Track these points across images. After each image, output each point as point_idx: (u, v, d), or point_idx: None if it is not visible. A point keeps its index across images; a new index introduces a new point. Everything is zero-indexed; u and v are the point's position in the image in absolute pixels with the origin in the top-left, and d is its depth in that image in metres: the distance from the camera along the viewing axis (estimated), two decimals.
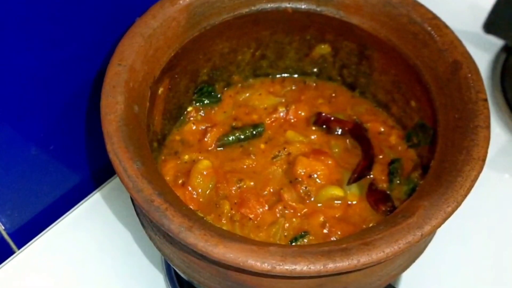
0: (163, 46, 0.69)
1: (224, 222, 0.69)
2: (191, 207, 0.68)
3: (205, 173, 0.72)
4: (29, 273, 0.84)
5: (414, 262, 0.68)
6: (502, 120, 0.99)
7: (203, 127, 0.78)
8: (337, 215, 0.71)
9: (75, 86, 0.78)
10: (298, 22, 0.76)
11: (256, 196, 0.71)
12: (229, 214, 0.70)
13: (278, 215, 0.70)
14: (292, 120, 0.78)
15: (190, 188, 0.71)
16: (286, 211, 0.70)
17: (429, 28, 0.70)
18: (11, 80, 0.70)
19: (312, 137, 0.77)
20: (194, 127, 0.78)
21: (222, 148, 0.76)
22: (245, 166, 0.74)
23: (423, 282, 0.83)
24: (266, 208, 0.71)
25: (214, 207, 0.71)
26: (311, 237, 0.69)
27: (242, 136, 0.77)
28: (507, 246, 0.87)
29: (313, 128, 0.78)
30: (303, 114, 0.79)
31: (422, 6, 0.71)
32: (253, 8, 0.74)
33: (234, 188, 0.72)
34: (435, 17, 0.71)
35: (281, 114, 0.79)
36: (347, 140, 0.77)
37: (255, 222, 0.69)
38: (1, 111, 0.72)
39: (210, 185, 0.72)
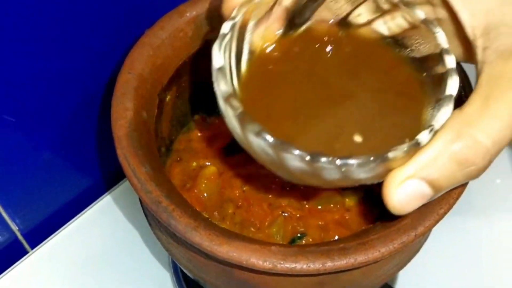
0: (171, 55, 0.69)
1: (227, 223, 0.70)
2: (197, 209, 0.68)
3: (211, 177, 0.72)
4: (42, 272, 0.85)
5: (409, 262, 0.68)
6: None
7: (209, 135, 0.78)
8: (334, 218, 0.71)
9: (87, 94, 0.78)
10: None
11: (259, 200, 0.71)
12: (232, 216, 0.70)
13: (278, 218, 0.70)
14: None
15: (196, 192, 0.72)
16: (286, 214, 0.70)
17: None
18: (27, 90, 0.71)
19: None
20: (200, 134, 0.78)
21: (228, 153, 0.76)
22: (248, 171, 0.74)
23: (419, 281, 0.83)
24: (268, 211, 0.71)
25: (219, 209, 0.71)
26: (310, 239, 0.69)
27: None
28: (498, 246, 0.88)
29: None
30: None
31: None
32: None
33: (238, 191, 0.72)
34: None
35: None
36: None
37: (256, 224, 0.70)
38: (16, 118, 0.72)
39: (215, 189, 0.72)
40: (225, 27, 0.54)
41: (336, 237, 0.68)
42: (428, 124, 0.50)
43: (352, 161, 0.47)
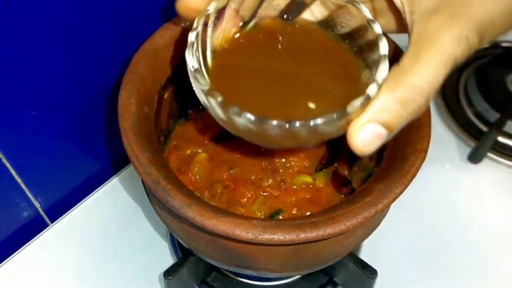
0: (168, 59, 0.69)
1: (216, 201, 0.70)
2: (190, 188, 0.68)
3: (202, 162, 0.73)
4: (60, 242, 0.85)
5: (371, 234, 0.69)
6: (443, 121, 1.00)
7: (201, 126, 0.78)
8: (307, 197, 0.71)
9: (97, 92, 0.79)
10: None
11: (243, 181, 0.72)
12: (220, 195, 0.71)
13: (259, 197, 0.70)
14: None
15: (190, 174, 0.72)
16: (265, 194, 0.71)
17: None
18: (47, 89, 0.72)
19: None
20: (193, 125, 0.78)
21: (217, 142, 0.76)
22: (235, 156, 0.74)
23: (379, 249, 0.84)
24: (251, 191, 0.71)
25: (209, 189, 0.71)
26: (286, 214, 0.69)
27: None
28: (444, 219, 0.89)
29: None
30: None
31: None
32: None
33: (225, 174, 0.72)
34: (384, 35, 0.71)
35: None
36: None
37: (241, 202, 0.70)
38: (38, 112, 0.73)
39: (206, 172, 0.73)
40: (191, 37, 0.55)
41: (308, 213, 0.68)
42: (369, 82, 0.52)
43: (320, 120, 0.49)
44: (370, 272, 0.75)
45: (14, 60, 0.66)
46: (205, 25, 0.57)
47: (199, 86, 0.53)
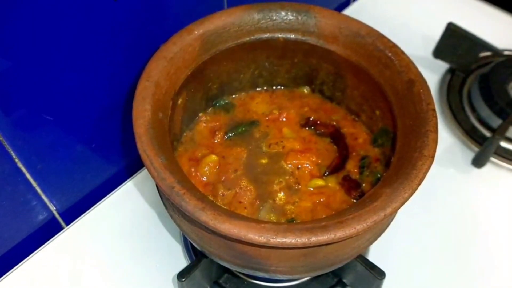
0: (182, 66, 0.69)
1: (220, 202, 0.70)
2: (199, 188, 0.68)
3: (211, 164, 0.73)
4: (75, 245, 0.85)
5: (379, 237, 0.68)
6: (448, 126, 0.99)
7: (211, 126, 0.78)
8: (321, 200, 0.71)
9: (113, 98, 0.78)
10: (288, 49, 0.76)
11: (248, 183, 0.72)
12: (224, 196, 0.71)
13: (266, 203, 0.71)
14: (284, 120, 0.79)
15: (199, 175, 0.72)
16: (275, 200, 0.71)
17: (390, 54, 0.70)
18: (63, 95, 0.71)
19: (302, 135, 0.78)
20: (204, 125, 0.78)
21: (227, 139, 0.77)
22: (243, 158, 0.75)
23: (387, 252, 0.83)
24: (256, 194, 0.71)
25: (214, 190, 0.71)
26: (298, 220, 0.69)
27: (243, 129, 0.78)
28: (449, 221, 0.88)
29: (302, 129, 0.78)
30: (292, 118, 0.79)
31: (384, 36, 0.72)
32: (252, 37, 0.74)
33: (233, 175, 0.73)
34: (394, 46, 0.71)
35: (275, 114, 0.79)
36: (328, 140, 0.77)
37: (244, 205, 0.70)
38: (54, 117, 0.72)
39: (214, 172, 0.73)
40: None
41: (323, 215, 0.69)
42: None
43: None
44: (378, 273, 0.75)
45: (30, 67, 0.66)
46: None
47: None
